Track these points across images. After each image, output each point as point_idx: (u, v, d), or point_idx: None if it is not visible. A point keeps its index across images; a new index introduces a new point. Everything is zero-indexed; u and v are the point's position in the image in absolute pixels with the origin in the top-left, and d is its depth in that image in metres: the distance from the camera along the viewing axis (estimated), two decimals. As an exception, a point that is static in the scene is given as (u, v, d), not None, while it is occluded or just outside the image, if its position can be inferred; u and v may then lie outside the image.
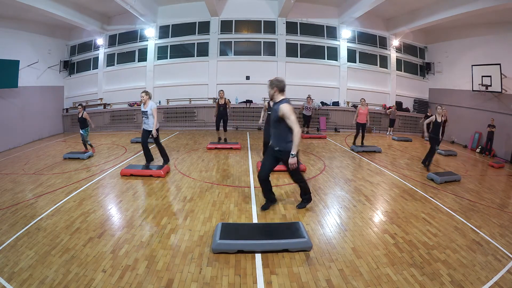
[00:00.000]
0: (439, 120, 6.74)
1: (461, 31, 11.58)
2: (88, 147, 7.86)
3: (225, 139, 9.03)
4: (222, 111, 8.49)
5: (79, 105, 7.88)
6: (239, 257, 3.03)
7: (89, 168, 6.55)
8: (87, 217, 3.95)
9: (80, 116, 7.63)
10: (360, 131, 9.05)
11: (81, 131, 7.71)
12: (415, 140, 11.53)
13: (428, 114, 11.80)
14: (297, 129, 3.49)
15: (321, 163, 7.06)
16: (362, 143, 9.14)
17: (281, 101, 3.65)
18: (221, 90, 8.54)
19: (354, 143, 9.15)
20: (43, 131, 11.78)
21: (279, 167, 6.23)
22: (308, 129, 11.25)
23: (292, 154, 3.59)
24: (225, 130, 8.83)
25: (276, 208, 4.30)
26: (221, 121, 8.62)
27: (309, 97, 10.86)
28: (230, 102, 8.75)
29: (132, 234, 3.49)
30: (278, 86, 3.71)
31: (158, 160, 7.28)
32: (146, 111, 5.96)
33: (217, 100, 8.58)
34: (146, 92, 5.97)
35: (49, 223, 3.77)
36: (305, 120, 10.99)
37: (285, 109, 3.53)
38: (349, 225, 3.86)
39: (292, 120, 3.52)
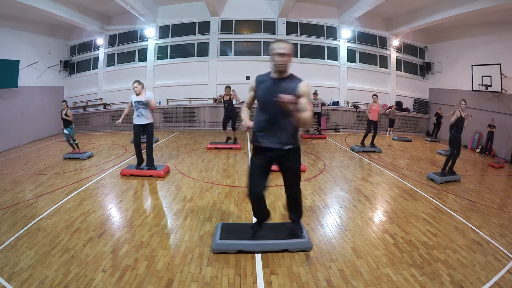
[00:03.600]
0: (463, 116, 6.16)
1: (461, 31, 11.58)
2: (75, 146, 7.65)
3: (235, 139, 8.56)
4: (228, 108, 8.12)
5: (63, 101, 7.75)
6: (239, 257, 3.02)
7: (89, 168, 6.55)
8: (87, 217, 3.95)
9: (64, 113, 7.47)
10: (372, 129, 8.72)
11: (65, 130, 7.52)
12: (415, 140, 11.53)
13: (438, 112, 11.64)
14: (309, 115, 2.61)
15: (321, 163, 7.06)
16: (367, 143, 8.83)
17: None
18: (227, 87, 8.12)
19: (364, 143, 8.83)
20: (43, 131, 11.78)
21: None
22: (319, 127, 11.17)
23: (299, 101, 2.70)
24: (233, 129, 8.39)
25: (276, 208, 4.30)
26: (229, 119, 8.24)
27: (315, 92, 10.65)
28: (236, 95, 8.00)
29: (132, 234, 3.49)
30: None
31: (157, 160, 7.26)
32: (142, 101, 5.43)
33: (222, 96, 8.13)
34: (139, 82, 5.54)
35: (49, 223, 3.77)
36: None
37: (306, 89, 2.73)
38: (349, 225, 3.86)
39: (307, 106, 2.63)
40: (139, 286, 2.57)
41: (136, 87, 5.46)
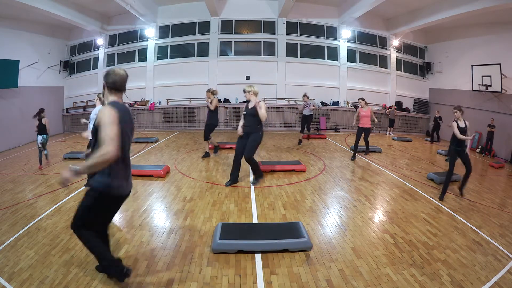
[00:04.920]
0: (462, 125, 4.94)
1: (461, 31, 11.59)
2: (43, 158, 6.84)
3: (207, 153, 7.35)
4: (208, 114, 7.05)
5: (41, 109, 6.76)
6: (239, 257, 3.02)
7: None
8: (87, 217, 3.94)
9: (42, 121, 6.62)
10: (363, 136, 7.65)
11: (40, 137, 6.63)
12: (415, 140, 11.53)
13: (436, 116, 11.33)
14: (105, 149, 1.98)
15: (321, 163, 7.06)
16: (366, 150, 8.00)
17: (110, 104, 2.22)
18: (208, 90, 7.04)
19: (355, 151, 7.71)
20: (43, 131, 11.79)
21: (283, 167, 6.24)
22: (308, 132, 10.11)
23: (71, 168, 2.05)
24: (205, 138, 7.22)
25: (276, 208, 4.30)
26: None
27: (305, 95, 9.51)
28: (216, 102, 6.92)
29: (132, 234, 3.49)
30: (107, 81, 2.26)
31: (157, 160, 7.28)
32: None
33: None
34: (98, 94, 4.97)
35: (49, 223, 3.77)
36: (304, 121, 9.51)
37: (101, 115, 2.10)
38: (349, 225, 3.86)
39: (105, 135, 2.02)
40: (139, 286, 2.57)
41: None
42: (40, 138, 6.63)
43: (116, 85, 2.26)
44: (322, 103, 13.01)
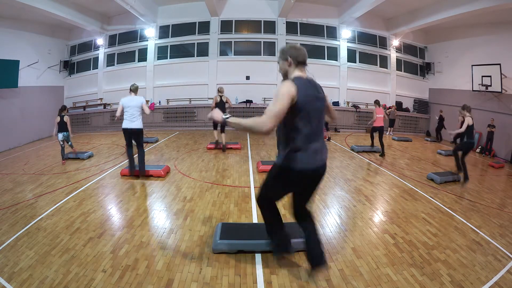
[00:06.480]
0: (470, 123, 6.17)
1: (461, 31, 11.59)
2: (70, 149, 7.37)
3: (224, 146, 8.02)
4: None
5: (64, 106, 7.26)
6: (239, 257, 3.02)
7: (89, 168, 6.55)
8: (87, 217, 3.95)
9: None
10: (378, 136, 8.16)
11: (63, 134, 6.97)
12: (415, 140, 11.54)
13: (441, 116, 11.43)
14: (263, 120, 2.06)
15: (321, 163, 7.04)
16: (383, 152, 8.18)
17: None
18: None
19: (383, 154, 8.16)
20: (43, 131, 11.78)
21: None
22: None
23: (224, 115, 2.29)
24: (222, 131, 8.03)
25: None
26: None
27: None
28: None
29: (132, 234, 3.49)
30: (293, 55, 2.29)
31: (157, 160, 7.28)
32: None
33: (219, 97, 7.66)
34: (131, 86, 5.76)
35: (49, 223, 3.77)
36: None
37: (278, 88, 2.16)
38: (349, 225, 3.86)
39: (269, 109, 2.08)
40: (139, 286, 2.57)
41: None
42: (60, 135, 6.95)
43: (299, 59, 2.30)
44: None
